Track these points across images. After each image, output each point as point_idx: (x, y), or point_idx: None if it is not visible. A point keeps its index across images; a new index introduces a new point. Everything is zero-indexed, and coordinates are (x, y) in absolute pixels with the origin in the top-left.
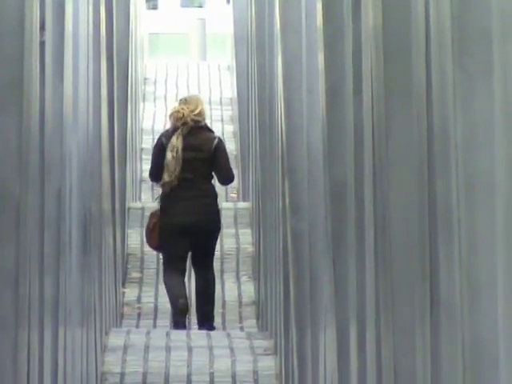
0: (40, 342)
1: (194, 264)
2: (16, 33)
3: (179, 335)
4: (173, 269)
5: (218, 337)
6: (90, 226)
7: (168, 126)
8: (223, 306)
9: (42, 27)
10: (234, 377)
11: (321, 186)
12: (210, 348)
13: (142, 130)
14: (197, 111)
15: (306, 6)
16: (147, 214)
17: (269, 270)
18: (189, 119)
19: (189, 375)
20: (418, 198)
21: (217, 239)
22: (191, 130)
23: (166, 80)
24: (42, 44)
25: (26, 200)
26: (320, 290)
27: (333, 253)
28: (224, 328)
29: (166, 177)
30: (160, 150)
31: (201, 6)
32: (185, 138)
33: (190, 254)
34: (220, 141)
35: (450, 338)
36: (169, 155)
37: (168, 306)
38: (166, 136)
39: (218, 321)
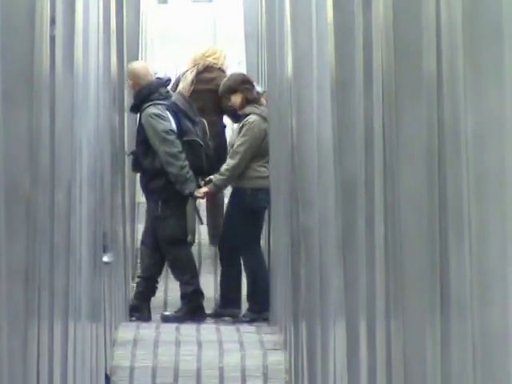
0: (50, 336)
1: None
2: (26, 27)
3: (189, 330)
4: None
5: (228, 331)
6: (99, 220)
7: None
8: None
9: (53, 21)
10: (243, 371)
11: (331, 181)
12: (220, 342)
13: None
14: (216, 55)
15: (317, 1)
16: None
17: (278, 265)
18: (210, 58)
19: (198, 370)
20: (429, 192)
21: None
22: (207, 67)
23: (175, 75)
24: (53, 38)
25: (36, 193)
26: (330, 284)
27: (343, 248)
28: (233, 322)
29: None
30: (177, 83)
31: (211, 1)
32: (199, 73)
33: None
34: None
35: (460, 332)
36: (180, 85)
37: (177, 301)
38: (184, 72)
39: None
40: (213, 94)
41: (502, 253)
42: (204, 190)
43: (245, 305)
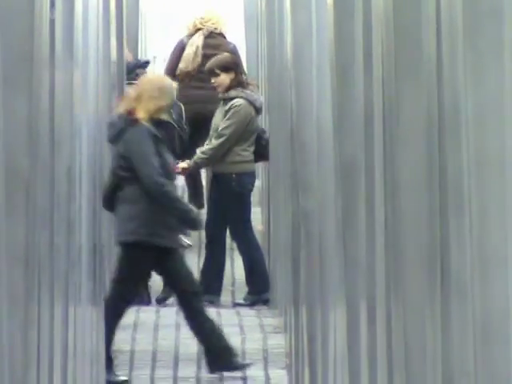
0: (50, 318)
1: None
2: (26, 10)
3: None
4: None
5: (228, 315)
6: (100, 203)
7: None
8: (233, 284)
9: (52, 5)
10: (243, 354)
11: (331, 163)
12: (220, 326)
13: None
14: (213, 21)
15: None
16: None
17: (278, 248)
18: (209, 23)
19: (198, 353)
20: (429, 175)
21: None
22: (211, 33)
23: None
24: (52, 22)
25: (36, 177)
26: (330, 267)
27: (343, 230)
28: (234, 306)
29: (182, 66)
30: (180, 47)
31: None
32: (205, 37)
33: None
34: (234, 46)
35: (461, 313)
36: (188, 49)
37: None
38: (188, 37)
39: (227, 299)
40: None
41: (503, 234)
42: (182, 165)
43: (243, 289)
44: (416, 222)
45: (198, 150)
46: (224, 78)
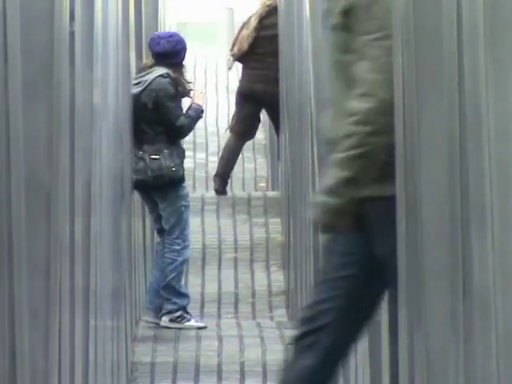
0: (71, 331)
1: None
2: (46, 23)
3: (209, 324)
4: (234, 132)
5: (248, 326)
6: (120, 215)
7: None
8: (253, 296)
9: (72, 17)
10: (264, 366)
11: None
12: (241, 337)
13: None
14: None
15: None
16: None
17: (299, 260)
18: (270, 2)
19: (219, 364)
20: (450, 186)
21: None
22: (269, 12)
23: (194, 69)
24: (72, 34)
25: (57, 188)
26: None
27: None
28: (254, 317)
29: (235, 49)
30: (242, 29)
31: None
32: (261, 19)
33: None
34: None
35: (484, 325)
36: (243, 31)
37: (197, 296)
38: (250, 18)
39: (247, 310)
40: (272, 40)
41: None
42: None
43: (264, 299)
44: (437, 233)
45: None
46: None
